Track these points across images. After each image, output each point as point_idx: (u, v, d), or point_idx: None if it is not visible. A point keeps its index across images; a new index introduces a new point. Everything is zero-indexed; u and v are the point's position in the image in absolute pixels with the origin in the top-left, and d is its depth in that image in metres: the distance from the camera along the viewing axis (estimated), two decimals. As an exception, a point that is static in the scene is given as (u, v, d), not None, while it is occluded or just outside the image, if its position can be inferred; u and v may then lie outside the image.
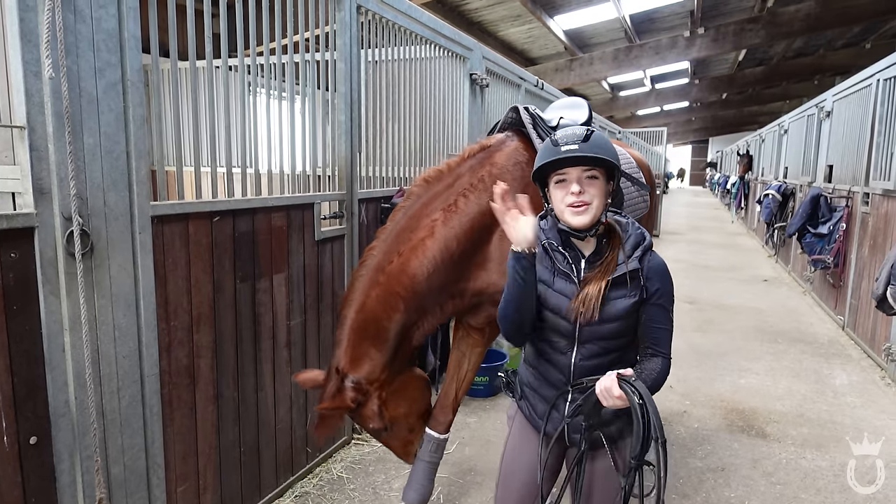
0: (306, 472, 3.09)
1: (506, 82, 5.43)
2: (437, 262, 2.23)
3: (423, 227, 2.26)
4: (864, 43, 16.78)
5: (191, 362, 2.30)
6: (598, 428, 1.67)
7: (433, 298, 2.30)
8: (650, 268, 1.62)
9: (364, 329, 2.17)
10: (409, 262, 2.21)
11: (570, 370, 1.68)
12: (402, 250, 2.23)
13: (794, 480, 3.18)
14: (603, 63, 14.08)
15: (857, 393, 4.41)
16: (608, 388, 1.50)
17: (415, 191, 2.37)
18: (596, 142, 1.57)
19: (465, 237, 2.29)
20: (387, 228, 2.31)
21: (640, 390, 1.47)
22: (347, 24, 3.05)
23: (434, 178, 2.38)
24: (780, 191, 9.08)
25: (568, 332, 1.66)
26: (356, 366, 2.16)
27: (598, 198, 1.58)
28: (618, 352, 1.67)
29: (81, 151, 1.76)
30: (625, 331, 1.64)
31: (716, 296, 7.59)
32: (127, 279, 1.95)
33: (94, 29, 1.77)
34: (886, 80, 5.14)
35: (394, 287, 2.19)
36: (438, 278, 2.25)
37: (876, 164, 5.23)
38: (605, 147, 1.58)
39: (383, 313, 2.18)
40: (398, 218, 2.32)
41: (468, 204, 2.31)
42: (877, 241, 5.18)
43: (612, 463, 1.69)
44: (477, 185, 2.34)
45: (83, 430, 1.85)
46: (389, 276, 2.20)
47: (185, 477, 2.32)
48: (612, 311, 1.61)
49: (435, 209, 2.30)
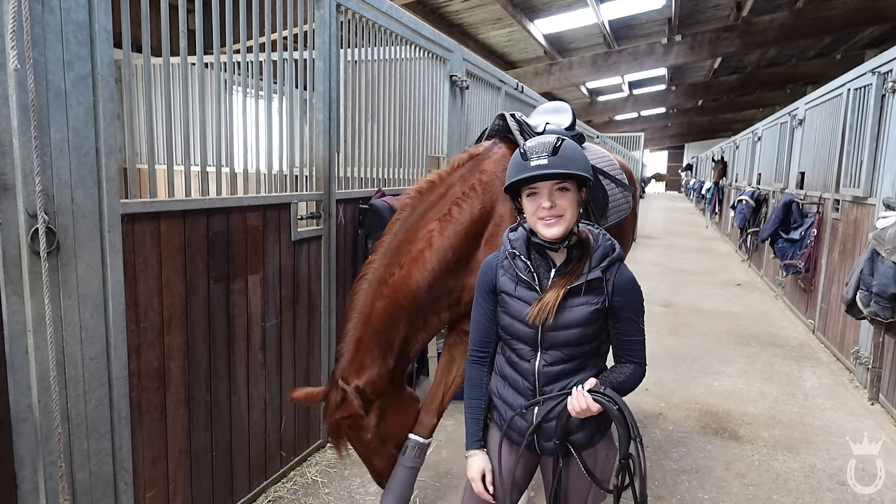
0: (280, 477, 3.04)
1: (486, 85, 5.43)
2: (436, 272, 2.28)
3: (421, 239, 2.31)
4: (834, 53, 17.23)
5: (161, 364, 2.24)
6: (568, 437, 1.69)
7: (432, 308, 2.36)
8: (618, 280, 1.62)
9: (369, 341, 2.19)
10: (412, 273, 2.25)
11: (535, 377, 1.69)
12: (402, 262, 2.27)
13: (766, 482, 3.22)
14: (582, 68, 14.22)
15: (826, 395, 4.50)
16: (586, 408, 1.53)
17: (409, 202, 2.41)
18: (566, 154, 1.55)
19: (460, 245, 2.35)
20: (385, 241, 2.34)
21: (614, 397, 1.54)
22: (326, 23, 3.02)
23: (427, 189, 2.42)
24: (754, 197, 9.25)
25: (530, 339, 1.67)
26: (360, 376, 2.17)
27: (569, 209, 1.58)
28: (582, 358, 1.67)
29: (48, 146, 1.70)
30: (587, 338, 1.64)
31: (690, 299, 7.70)
32: (95, 279, 1.89)
33: (63, 20, 1.72)
34: (856, 89, 5.27)
35: (398, 299, 2.23)
36: (438, 288, 2.31)
37: (846, 171, 5.34)
38: (575, 159, 1.56)
39: (388, 325, 2.21)
40: (395, 230, 2.35)
41: (461, 213, 2.36)
42: (846, 246, 5.29)
43: (582, 468, 1.69)
44: (469, 194, 2.39)
45: (47, 434, 1.78)
46: (393, 289, 2.23)
47: (153, 482, 2.27)
48: (571, 317, 1.61)
49: (431, 219, 2.34)
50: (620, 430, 1.52)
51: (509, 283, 1.70)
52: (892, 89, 4.39)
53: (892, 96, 4.43)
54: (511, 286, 1.69)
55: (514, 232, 1.75)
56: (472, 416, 1.84)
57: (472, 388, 1.86)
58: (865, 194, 4.80)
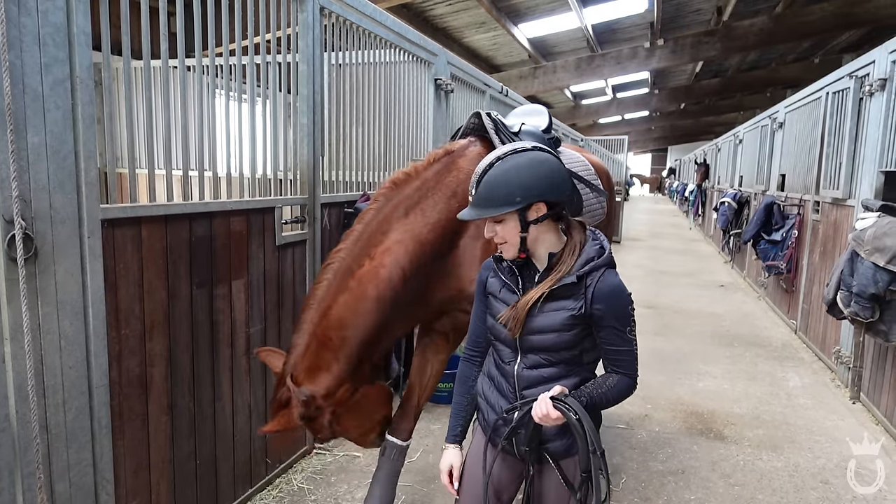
0: (265, 484, 3.00)
1: (471, 88, 5.44)
2: (411, 264, 2.15)
3: (395, 230, 2.18)
4: (813, 57, 17.51)
5: (143, 372, 2.21)
6: (543, 445, 1.68)
7: (405, 305, 2.20)
8: (599, 287, 1.57)
9: (326, 337, 2.02)
10: (383, 264, 2.10)
11: (514, 379, 1.69)
12: (373, 253, 2.12)
13: (751, 481, 3.25)
14: (566, 71, 14.30)
15: (809, 395, 4.55)
16: (546, 414, 1.51)
17: (384, 193, 2.30)
18: (482, 194, 1.57)
19: (437, 240, 2.26)
20: (355, 230, 2.21)
21: (574, 407, 1.50)
22: (310, 26, 3.00)
23: (402, 181, 2.33)
24: (736, 199, 9.37)
25: (510, 342, 1.68)
26: (312, 378, 2.00)
27: (508, 235, 1.59)
28: (563, 364, 1.65)
29: (25, 151, 1.67)
30: (564, 344, 1.62)
31: (674, 301, 7.76)
32: (74, 285, 1.86)
33: (40, 22, 1.69)
34: (835, 93, 5.35)
35: (366, 292, 2.06)
36: (413, 283, 2.18)
37: (826, 173, 5.43)
38: (492, 195, 1.55)
39: (350, 321, 2.04)
40: (368, 219, 2.22)
41: (437, 208, 2.27)
42: (827, 247, 5.37)
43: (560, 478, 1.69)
44: (444, 190, 2.32)
45: (25, 445, 1.74)
46: (361, 281, 2.07)
47: (136, 492, 2.23)
48: (547, 321, 1.60)
49: (406, 212, 2.24)
50: (579, 442, 1.49)
51: (496, 285, 1.73)
52: (870, 92, 4.47)
53: (870, 99, 4.51)
54: (497, 288, 1.72)
55: None
56: (456, 412, 1.88)
57: (461, 384, 1.89)
58: (845, 196, 4.88)
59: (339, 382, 2.04)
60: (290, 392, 1.98)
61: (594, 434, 1.50)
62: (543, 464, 1.72)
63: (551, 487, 1.73)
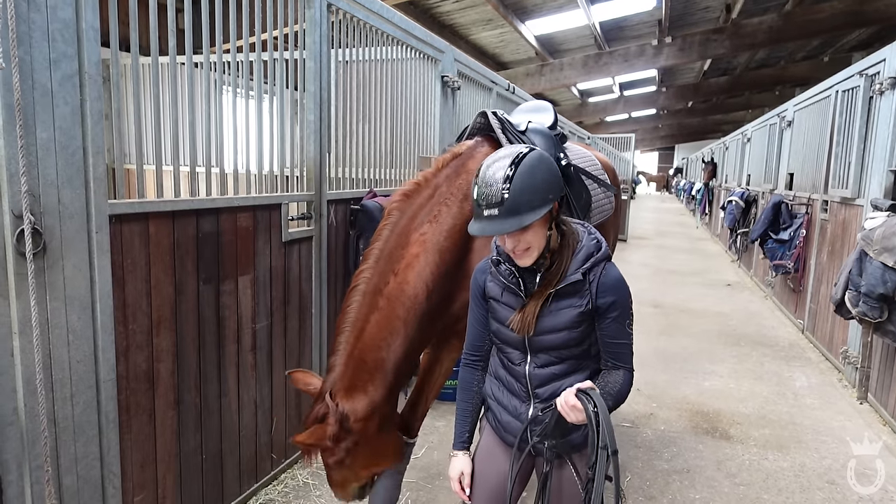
0: (271, 479, 3.02)
1: (477, 85, 5.43)
2: (435, 276, 2.14)
3: (413, 243, 2.18)
4: (822, 56, 17.38)
5: (150, 367, 2.22)
6: (560, 440, 1.67)
7: (430, 318, 2.18)
8: (602, 281, 1.58)
9: (362, 359, 2.01)
10: (408, 280, 2.11)
11: (527, 379, 1.69)
12: (397, 269, 2.13)
13: (756, 481, 3.24)
14: (573, 69, 14.26)
15: (816, 395, 4.53)
16: (568, 402, 1.48)
17: (396, 206, 2.28)
18: (516, 201, 1.46)
19: (454, 247, 2.24)
20: (375, 248, 2.19)
21: (595, 399, 1.46)
22: (317, 23, 3.00)
23: (413, 191, 2.32)
24: (743, 197, 9.31)
25: (518, 344, 1.67)
26: (351, 397, 1.96)
27: (535, 240, 1.54)
28: (573, 360, 1.66)
29: (34, 146, 1.68)
30: (574, 340, 1.62)
31: (681, 300, 7.73)
32: (82, 280, 1.87)
33: (50, 18, 1.70)
34: (844, 91, 5.31)
35: (396, 310, 2.07)
36: (437, 295, 2.17)
37: (834, 172, 5.39)
38: (524, 200, 1.47)
39: (384, 340, 2.04)
40: (385, 235, 2.21)
41: (451, 213, 2.26)
42: (835, 247, 5.34)
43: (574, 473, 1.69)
44: (456, 194, 2.31)
45: (33, 438, 1.76)
46: (389, 299, 2.08)
47: (142, 486, 2.24)
48: (556, 321, 1.60)
49: (422, 222, 2.23)
50: (591, 435, 1.44)
51: (496, 289, 1.70)
52: (880, 91, 4.43)
53: (880, 98, 4.47)
54: (498, 292, 1.69)
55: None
56: (462, 418, 1.85)
57: (464, 390, 1.86)
58: (853, 195, 4.84)
59: (374, 408, 2.01)
60: (327, 408, 1.95)
61: (609, 430, 1.43)
62: (559, 459, 1.71)
63: (565, 483, 1.73)
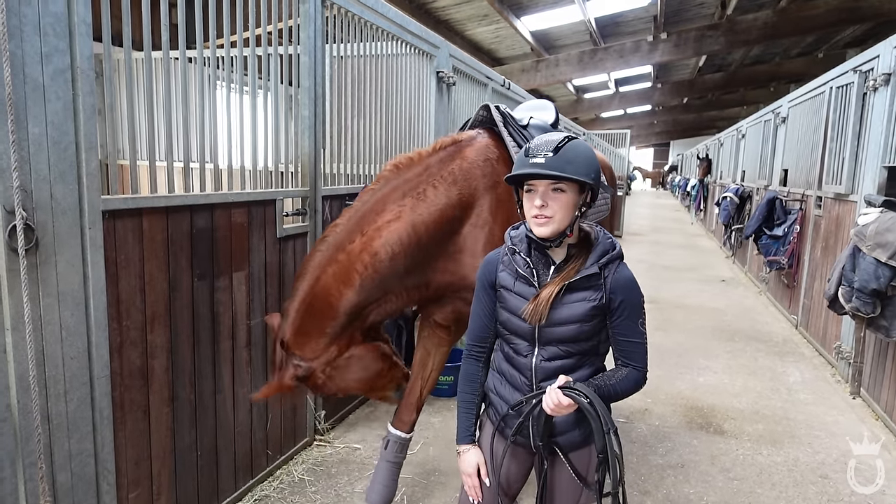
0: (266, 475, 3.01)
1: (473, 81, 5.42)
2: (402, 244, 2.20)
3: (389, 211, 2.24)
4: (817, 52, 17.43)
5: (144, 363, 2.21)
6: (553, 438, 1.69)
7: (397, 281, 2.28)
8: (616, 279, 1.62)
9: (313, 306, 2.15)
10: (373, 241, 2.18)
11: (532, 372, 1.68)
12: (366, 230, 2.20)
13: (750, 476, 3.25)
14: (568, 65, 14.25)
15: (809, 390, 4.55)
16: (558, 403, 1.52)
17: (385, 175, 2.35)
18: (566, 156, 1.52)
19: (435, 226, 2.27)
20: (353, 208, 2.29)
21: (585, 391, 1.52)
22: (312, 17, 2.99)
23: (405, 164, 2.36)
24: (738, 193, 9.34)
25: (527, 334, 1.67)
26: (299, 341, 2.15)
27: (561, 211, 1.56)
28: (580, 355, 1.67)
29: (26, 141, 1.67)
30: (584, 335, 1.63)
31: (676, 295, 7.76)
32: (75, 276, 1.86)
33: (41, 12, 1.68)
34: (838, 87, 5.33)
35: (353, 265, 2.16)
36: (403, 262, 2.23)
37: (828, 168, 5.41)
38: (575, 161, 1.53)
39: (336, 291, 2.15)
40: (365, 199, 2.29)
41: (437, 194, 2.29)
42: (829, 243, 5.36)
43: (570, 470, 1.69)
44: (446, 178, 2.33)
45: (26, 435, 1.75)
46: (350, 255, 2.17)
47: (137, 483, 2.23)
48: (569, 313, 1.61)
49: (403, 195, 2.27)
50: (593, 423, 1.51)
51: (508, 279, 1.70)
52: (873, 87, 4.45)
53: (874, 94, 4.49)
54: (510, 281, 1.69)
55: (516, 230, 1.75)
56: (465, 411, 1.83)
57: (467, 382, 1.85)
58: (847, 191, 4.86)
59: (323, 346, 2.17)
60: (283, 358, 2.16)
61: (606, 414, 1.51)
62: (556, 457, 1.72)
63: (563, 481, 1.73)
